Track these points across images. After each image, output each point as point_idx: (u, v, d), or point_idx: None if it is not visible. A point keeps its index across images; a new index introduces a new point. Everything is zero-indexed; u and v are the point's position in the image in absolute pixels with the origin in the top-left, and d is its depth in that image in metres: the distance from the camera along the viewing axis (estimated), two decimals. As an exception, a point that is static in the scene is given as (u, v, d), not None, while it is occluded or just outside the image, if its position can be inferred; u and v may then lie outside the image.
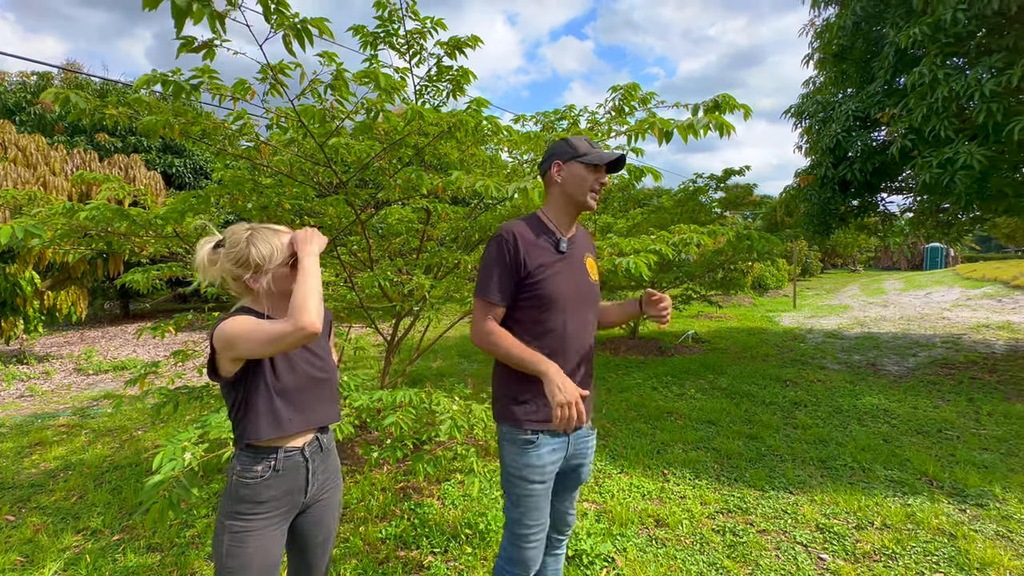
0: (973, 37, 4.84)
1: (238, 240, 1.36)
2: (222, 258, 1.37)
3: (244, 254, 1.35)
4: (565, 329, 1.57)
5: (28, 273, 7.60)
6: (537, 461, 1.56)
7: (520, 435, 1.57)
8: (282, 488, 1.37)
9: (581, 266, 1.66)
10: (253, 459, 1.35)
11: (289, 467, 1.38)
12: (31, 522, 3.03)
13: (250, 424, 1.34)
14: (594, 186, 1.60)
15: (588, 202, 1.61)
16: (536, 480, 1.56)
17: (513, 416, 1.57)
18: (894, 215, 7.54)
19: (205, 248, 1.39)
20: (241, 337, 1.26)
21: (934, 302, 13.01)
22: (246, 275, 1.36)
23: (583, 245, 1.71)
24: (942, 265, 31.30)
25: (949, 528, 2.72)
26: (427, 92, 3.58)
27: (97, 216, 2.50)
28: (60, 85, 13.46)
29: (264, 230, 1.39)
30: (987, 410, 4.55)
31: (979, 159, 4.44)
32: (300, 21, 2.05)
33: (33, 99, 13.06)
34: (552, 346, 1.55)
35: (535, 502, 1.58)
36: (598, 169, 1.60)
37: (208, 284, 1.40)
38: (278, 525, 1.38)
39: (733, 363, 6.83)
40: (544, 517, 1.61)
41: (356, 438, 3.91)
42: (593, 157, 1.59)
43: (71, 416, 5.23)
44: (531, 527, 1.59)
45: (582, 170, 1.59)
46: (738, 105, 2.57)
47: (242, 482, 1.34)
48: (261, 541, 1.33)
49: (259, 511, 1.34)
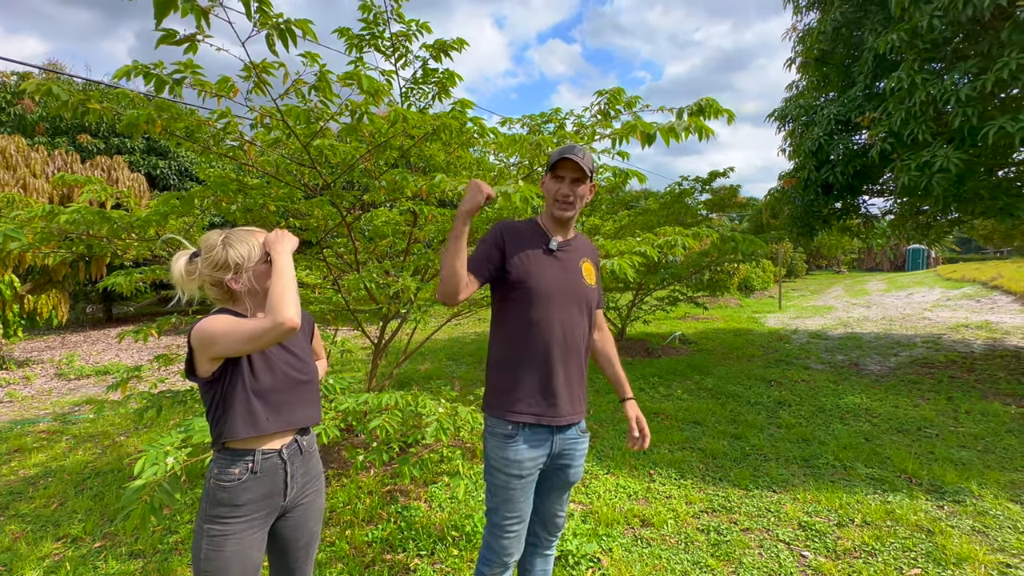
0: (949, 43, 4.96)
1: (213, 245, 1.38)
2: (200, 266, 1.38)
3: (222, 257, 1.37)
4: (551, 324, 1.60)
5: (7, 277, 7.45)
6: (515, 456, 1.57)
7: (501, 428, 1.60)
8: (260, 491, 1.37)
9: (575, 268, 1.69)
10: (230, 461, 1.35)
11: (267, 469, 1.38)
12: (9, 530, 2.97)
13: (227, 424, 1.34)
14: (557, 196, 1.64)
15: (554, 211, 1.66)
16: (514, 474, 1.58)
17: (496, 408, 1.62)
18: (876, 217, 7.67)
19: (180, 261, 1.40)
20: (220, 334, 1.26)
21: (915, 303, 13.25)
22: (227, 276, 1.38)
23: (582, 251, 1.75)
24: (924, 266, 31.89)
25: (927, 524, 2.77)
26: (413, 94, 3.58)
27: (78, 219, 2.47)
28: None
29: (238, 232, 1.42)
30: (965, 408, 4.65)
31: (955, 162, 4.54)
32: (284, 21, 2.05)
33: (13, 99, 12.82)
34: (538, 338, 1.58)
35: (512, 495, 1.60)
36: (561, 179, 1.63)
37: (188, 297, 1.41)
38: (258, 528, 1.37)
39: (719, 364, 6.90)
40: (521, 509, 1.63)
41: (342, 441, 3.89)
42: (549, 163, 1.65)
43: (52, 422, 5.14)
44: (508, 518, 1.62)
45: (548, 180, 1.66)
46: (722, 110, 2.61)
47: (219, 485, 1.33)
48: (240, 545, 1.32)
49: (237, 514, 1.33)
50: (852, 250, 33.12)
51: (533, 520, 1.77)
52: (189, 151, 11.59)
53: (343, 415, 2.74)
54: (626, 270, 2.87)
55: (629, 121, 3.13)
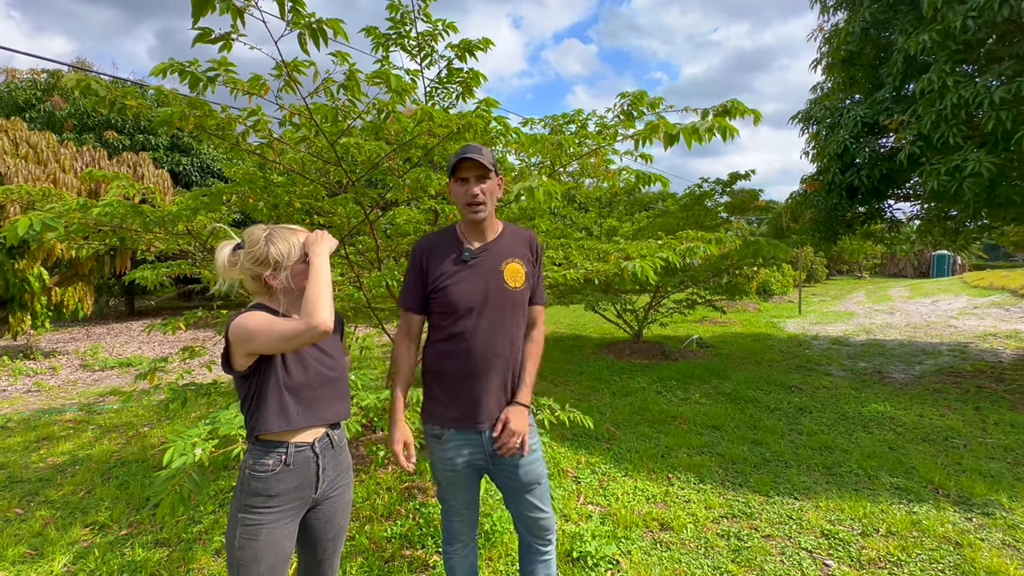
0: (983, 44, 4.84)
1: (257, 240, 1.41)
2: (242, 259, 1.41)
3: (263, 252, 1.39)
4: (474, 334, 1.61)
5: (36, 269, 7.66)
6: (444, 455, 1.66)
7: (430, 430, 1.69)
8: (292, 482, 1.39)
9: (494, 272, 1.66)
10: (264, 452, 1.38)
11: (299, 461, 1.40)
12: (40, 515, 3.05)
13: (260, 417, 1.37)
14: (467, 199, 1.62)
15: (467, 215, 1.65)
16: (447, 470, 1.68)
17: (425, 411, 1.72)
18: (901, 222, 7.51)
19: (225, 251, 1.43)
20: (256, 332, 1.29)
21: (941, 310, 12.95)
22: (265, 272, 1.40)
23: (504, 252, 1.70)
24: (949, 273, 31.11)
25: (955, 536, 2.71)
26: (437, 94, 3.60)
27: (111, 212, 2.53)
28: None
29: (281, 229, 1.44)
30: (994, 419, 4.53)
31: (988, 167, 4.42)
32: (316, 21, 2.07)
33: (43, 96, 13.17)
34: (458, 349, 1.62)
35: (452, 487, 1.72)
36: (464, 181, 1.62)
37: (228, 287, 1.44)
38: (290, 519, 1.40)
39: (738, 368, 6.82)
40: (462, 498, 1.74)
41: (362, 437, 3.92)
42: (449, 169, 1.65)
43: (78, 412, 5.27)
44: (452, 504, 1.76)
45: (454, 186, 1.66)
46: (748, 110, 2.57)
47: (254, 475, 1.36)
48: (272, 535, 1.34)
49: (271, 504, 1.36)
50: (874, 255, 32.42)
51: (517, 527, 1.78)
52: (213, 149, 11.67)
53: (364, 411, 2.76)
54: (648, 273, 2.85)
55: (652, 121, 3.11)
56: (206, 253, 3.33)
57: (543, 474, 1.73)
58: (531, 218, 5.04)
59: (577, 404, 4.91)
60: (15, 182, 6.84)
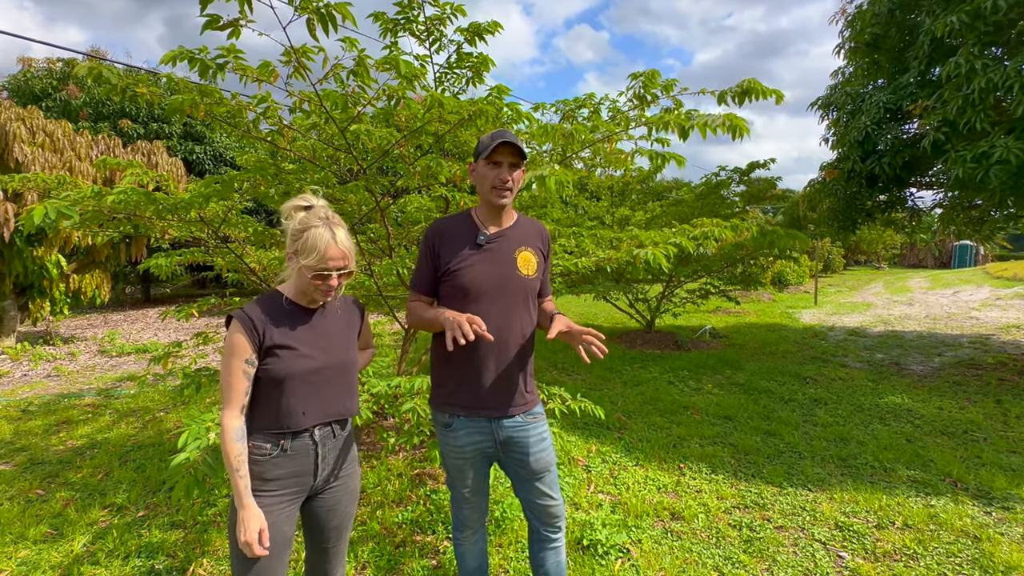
0: (1014, 25, 4.65)
1: (307, 221, 1.39)
2: (294, 220, 1.42)
3: (298, 232, 1.39)
4: (485, 320, 1.56)
5: (54, 256, 7.79)
6: (454, 442, 1.67)
7: (440, 417, 1.70)
8: (290, 468, 1.40)
9: (508, 259, 1.66)
10: (262, 438, 1.39)
11: (298, 449, 1.41)
12: (60, 497, 3.12)
13: (259, 410, 1.39)
14: (495, 182, 1.60)
15: (491, 199, 1.63)
16: (456, 457, 1.69)
17: (434, 399, 1.73)
18: (923, 211, 7.32)
19: (294, 202, 1.45)
20: (224, 357, 1.37)
21: (962, 301, 12.67)
22: (289, 250, 1.42)
23: (518, 239, 1.71)
24: (971, 263, 30.41)
25: (973, 530, 2.66)
26: (447, 79, 3.55)
27: (125, 200, 2.54)
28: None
29: (335, 229, 1.40)
30: (1016, 412, 4.43)
31: (1016, 153, 4.28)
32: (324, 6, 2.04)
33: (59, 86, 13.31)
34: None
35: (461, 474, 1.72)
36: (498, 165, 1.59)
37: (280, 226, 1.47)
38: (287, 504, 1.41)
39: (751, 359, 6.75)
40: (471, 485, 1.74)
41: (373, 424, 3.95)
42: (482, 150, 1.61)
43: (96, 396, 5.37)
44: (461, 491, 1.75)
45: (483, 167, 1.62)
46: (768, 91, 2.50)
47: (251, 459, 1.37)
48: (270, 518, 1.36)
49: (267, 488, 1.37)
50: (894, 245, 31.74)
51: (527, 514, 1.78)
52: (226, 137, 11.72)
53: (375, 398, 2.77)
54: (660, 260, 2.81)
55: (668, 108, 3.04)
56: (219, 241, 3.34)
57: (552, 461, 1.73)
58: (542, 206, 4.99)
59: (588, 394, 4.89)
60: (32, 170, 6.93)
